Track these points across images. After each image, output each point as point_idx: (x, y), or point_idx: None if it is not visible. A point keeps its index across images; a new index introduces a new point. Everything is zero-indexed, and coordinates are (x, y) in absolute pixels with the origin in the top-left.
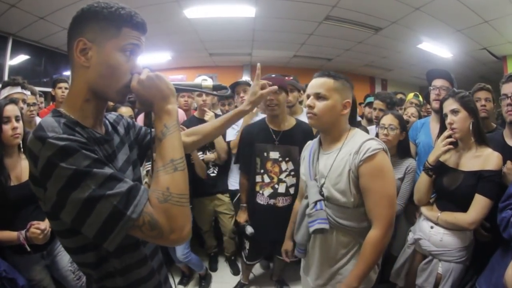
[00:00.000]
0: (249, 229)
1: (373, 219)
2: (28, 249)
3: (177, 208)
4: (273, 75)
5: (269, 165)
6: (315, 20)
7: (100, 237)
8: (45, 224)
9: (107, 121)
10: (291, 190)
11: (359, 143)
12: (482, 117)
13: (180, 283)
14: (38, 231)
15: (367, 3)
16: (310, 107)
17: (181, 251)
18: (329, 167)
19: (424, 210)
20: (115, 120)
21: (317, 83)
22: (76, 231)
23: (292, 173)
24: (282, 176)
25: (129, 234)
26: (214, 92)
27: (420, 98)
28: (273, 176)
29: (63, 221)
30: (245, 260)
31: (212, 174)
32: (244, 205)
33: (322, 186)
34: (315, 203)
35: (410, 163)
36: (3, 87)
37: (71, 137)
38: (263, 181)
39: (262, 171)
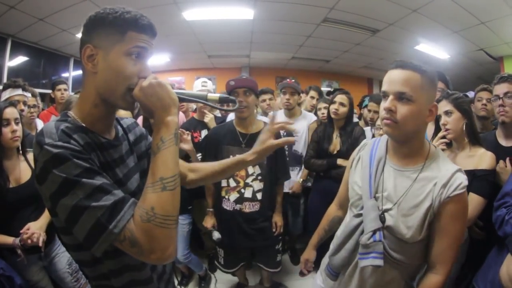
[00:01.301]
0: (216, 235)
1: (439, 263)
2: (23, 257)
3: (160, 230)
4: (244, 77)
5: None
6: (313, 22)
7: (87, 243)
8: (37, 226)
9: (119, 126)
10: (258, 196)
11: (449, 172)
12: (482, 116)
13: (180, 283)
14: (29, 242)
15: (364, 5)
16: (390, 111)
17: (181, 252)
18: (403, 191)
19: None
20: (129, 126)
21: (399, 78)
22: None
23: (260, 177)
24: (249, 180)
25: (113, 245)
26: (220, 107)
27: None
28: (239, 180)
29: (58, 218)
30: (221, 268)
31: None
32: (211, 209)
33: (386, 210)
34: (374, 232)
35: None
36: (4, 89)
37: (65, 144)
38: (228, 185)
39: None
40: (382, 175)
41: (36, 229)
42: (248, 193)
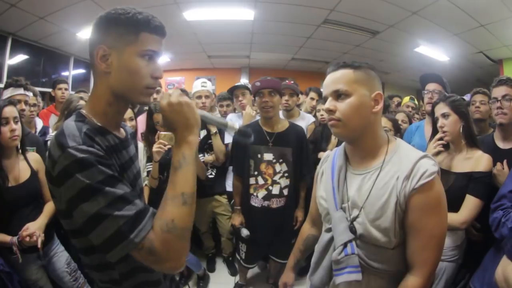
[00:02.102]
0: (245, 232)
1: (416, 264)
2: (18, 255)
3: (178, 241)
4: (269, 78)
5: (263, 166)
6: (313, 24)
7: (103, 249)
8: (35, 226)
9: (126, 128)
10: (285, 192)
11: (411, 162)
12: (477, 118)
13: (178, 283)
14: (27, 239)
15: (364, 7)
16: (330, 111)
17: None
18: (366, 194)
19: None
20: (131, 134)
21: (332, 79)
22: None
23: (286, 174)
24: (276, 178)
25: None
26: (233, 134)
27: (416, 102)
28: (267, 178)
29: (73, 221)
30: (242, 263)
31: (210, 176)
32: (238, 207)
33: (354, 219)
34: (345, 245)
35: None
36: (6, 87)
37: (90, 149)
38: (257, 183)
39: (256, 173)
40: (345, 184)
41: (35, 229)
42: (275, 190)
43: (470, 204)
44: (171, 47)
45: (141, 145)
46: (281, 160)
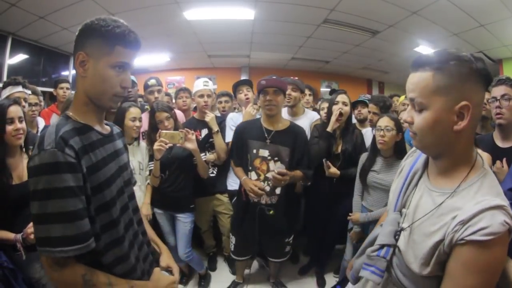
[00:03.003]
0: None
1: None
2: (23, 255)
3: None
4: (274, 77)
5: (257, 162)
6: (313, 23)
7: (36, 243)
8: None
9: (114, 127)
10: (277, 190)
11: (477, 207)
12: (482, 115)
13: (179, 282)
14: (32, 237)
15: (364, 6)
16: (409, 123)
17: (183, 250)
18: (421, 214)
19: None
20: (119, 133)
21: (410, 83)
22: None
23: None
24: (269, 175)
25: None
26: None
27: (402, 98)
28: (260, 173)
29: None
30: (231, 255)
31: (211, 175)
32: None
33: (402, 229)
34: (382, 246)
35: None
36: (4, 87)
37: (58, 154)
38: (250, 178)
39: (250, 168)
40: (414, 190)
41: None
42: (267, 187)
43: None
44: (171, 47)
45: (143, 144)
46: (276, 158)
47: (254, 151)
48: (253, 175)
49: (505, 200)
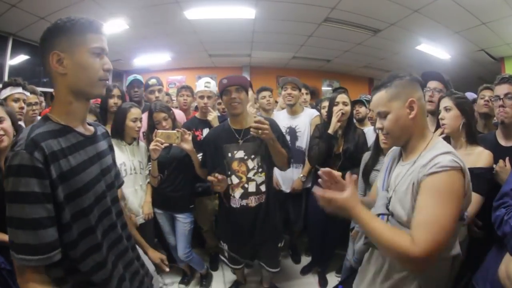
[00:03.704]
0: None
1: (413, 237)
2: None
3: None
4: (234, 75)
5: (235, 165)
6: (315, 22)
7: (9, 246)
8: None
9: (98, 128)
10: (262, 188)
11: (431, 155)
12: (484, 112)
13: (181, 282)
14: None
15: (366, 5)
16: (380, 129)
17: (182, 251)
18: (398, 179)
19: None
20: (103, 134)
21: (373, 103)
22: None
23: (260, 169)
24: (251, 175)
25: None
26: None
27: None
28: (241, 176)
29: None
30: (227, 262)
31: None
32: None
33: (389, 199)
34: (378, 215)
35: None
36: (4, 87)
37: (26, 157)
38: (232, 182)
39: (229, 172)
40: (394, 170)
41: None
42: (252, 187)
43: (471, 200)
44: (172, 46)
45: (143, 144)
46: (253, 156)
47: (229, 154)
48: (235, 179)
49: (455, 152)
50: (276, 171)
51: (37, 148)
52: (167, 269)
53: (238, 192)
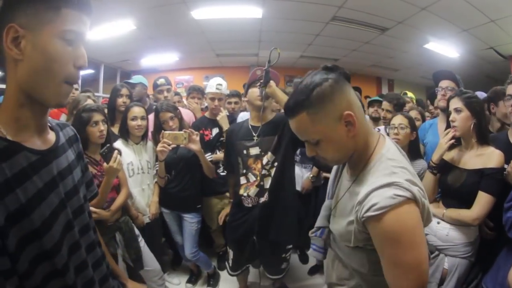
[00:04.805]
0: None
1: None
2: None
3: None
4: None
5: (251, 162)
6: (322, 21)
7: None
8: None
9: (61, 133)
10: (266, 184)
11: (368, 188)
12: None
13: (188, 281)
14: None
15: (373, 3)
16: (315, 157)
17: (189, 250)
18: (340, 196)
19: (430, 207)
20: (71, 138)
21: (294, 129)
22: None
23: (275, 163)
24: (265, 171)
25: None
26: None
27: (411, 95)
28: (257, 174)
29: None
30: (229, 271)
31: (222, 173)
32: (232, 201)
33: (331, 212)
34: (318, 228)
35: (423, 165)
36: None
37: None
38: (248, 181)
39: (244, 171)
40: (340, 180)
41: None
42: (267, 184)
43: (482, 200)
44: (179, 46)
45: (151, 144)
46: (268, 152)
47: (245, 151)
48: (251, 177)
49: (400, 177)
50: None
51: None
52: None
53: (253, 190)
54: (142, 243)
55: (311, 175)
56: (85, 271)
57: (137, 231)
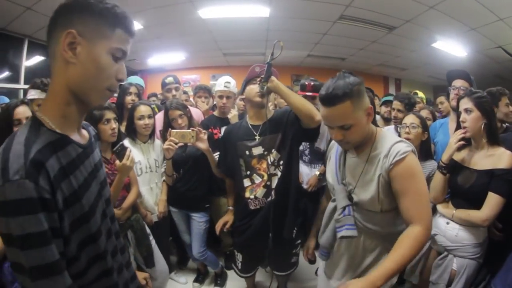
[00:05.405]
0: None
1: (413, 218)
2: None
3: None
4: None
5: (255, 162)
6: (329, 20)
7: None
8: None
9: (90, 129)
10: (283, 181)
11: (388, 146)
12: None
13: (195, 280)
14: None
15: (381, 2)
16: (341, 140)
17: (197, 249)
18: (359, 172)
19: (440, 207)
20: (95, 136)
21: (334, 116)
22: None
23: (281, 161)
24: (272, 170)
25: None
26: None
27: (421, 95)
28: (263, 174)
29: None
30: (239, 273)
31: None
32: (231, 208)
33: (351, 191)
34: (344, 208)
35: (433, 166)
36: (32, 88)
37: (31, 188)
38: (253, 183)
39: (248, 172)
40: (344, 166)
41: None
42: (274, 183)
43: (492, 201)
44: (186, 45)
45: (158, 141)
46: (273, 150)
47: (247, 152)
48: (257, 178)
49: (402, 139)
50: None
51: (41, 173)
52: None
53: (260, 192)
54: (153, 242)
55: (319, 173)
56: (117, 256)
57: (148, 230)
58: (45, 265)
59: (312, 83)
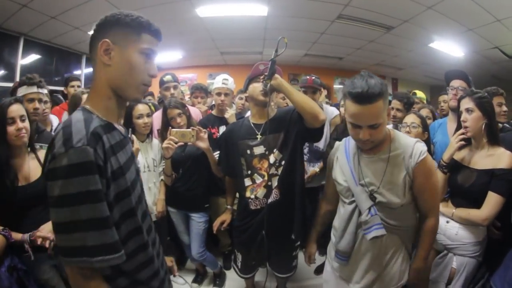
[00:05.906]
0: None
1: (429, 211)
2: (31, 255)
3: None
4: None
5: (256, 162)
6: (327, 19)
7: (62, 252)
8: (48, 228)
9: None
10: (285, 180)
11: (409, 146)
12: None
13: (194, 281)
14: (39, 242)
15: (379, 2)
16: (367, 140)
17: (196, 250)
18: (381, 172)
19: (440, 206)
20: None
21: (369, 113)
22: None
23: (283, 161)
24: (273, 170)
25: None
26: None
27: (420, 95)
28: (264, 174)
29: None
30: (239, 273)
31: None
32: (229, 207)
33: (373, 191)
34: (369, 209)
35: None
36: (20, 85)
37: (91, 153)
38: (254, 182)
39: (249, 172)
40: (360, 166)
41: (47, 231)
42: (275, 182)
43: (492, 201)
44: (184, 44)
45: (156, 140)
46: (274, 150)
47: (248, 151)
48: (258, 178)
49: (418, 139)
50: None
51: (99, 143)
52: (176, 273)
53: (261, 192)
54: None
55: (318, 169)
56: (151, 233)
57: None
58: (99, 218)
59: (313, 78)
